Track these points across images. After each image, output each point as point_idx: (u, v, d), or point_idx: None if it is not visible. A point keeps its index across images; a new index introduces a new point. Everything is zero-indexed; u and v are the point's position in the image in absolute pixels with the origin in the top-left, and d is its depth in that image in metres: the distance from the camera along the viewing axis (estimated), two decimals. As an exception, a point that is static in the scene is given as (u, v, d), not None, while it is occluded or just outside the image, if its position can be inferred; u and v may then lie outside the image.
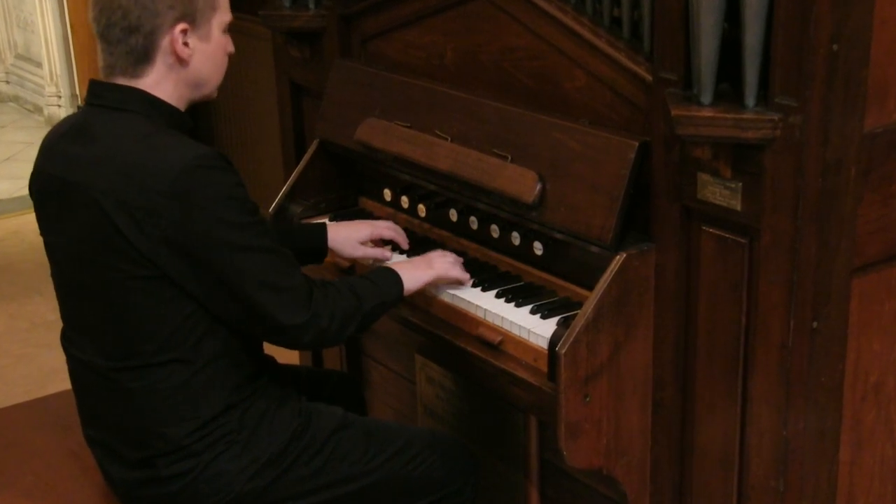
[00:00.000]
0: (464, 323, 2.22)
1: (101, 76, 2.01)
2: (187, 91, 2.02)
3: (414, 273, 2.20)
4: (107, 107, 1.98)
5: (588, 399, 1.98)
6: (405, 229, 2.58)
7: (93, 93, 2.01)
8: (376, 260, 2.42)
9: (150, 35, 1.94)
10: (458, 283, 2.26)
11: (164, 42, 1.95)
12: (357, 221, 2.50)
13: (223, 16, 2.03)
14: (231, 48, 2.08)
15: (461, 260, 2.30)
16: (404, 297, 2.19)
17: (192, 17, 1.96)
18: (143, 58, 1.96)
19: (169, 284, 1.91)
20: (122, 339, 1.97)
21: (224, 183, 1.89)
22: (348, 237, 2.42)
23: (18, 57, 7.68)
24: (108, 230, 1.89)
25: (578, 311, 1.99)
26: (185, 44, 1.96)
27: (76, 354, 2.06)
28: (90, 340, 2.02)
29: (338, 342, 2.11)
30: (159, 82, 1.98)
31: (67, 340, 2.10)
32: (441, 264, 2.24)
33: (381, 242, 2.48)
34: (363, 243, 2.42)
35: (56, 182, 1.98)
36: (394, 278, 2.17)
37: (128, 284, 1.91)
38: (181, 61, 1.98)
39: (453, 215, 2.43)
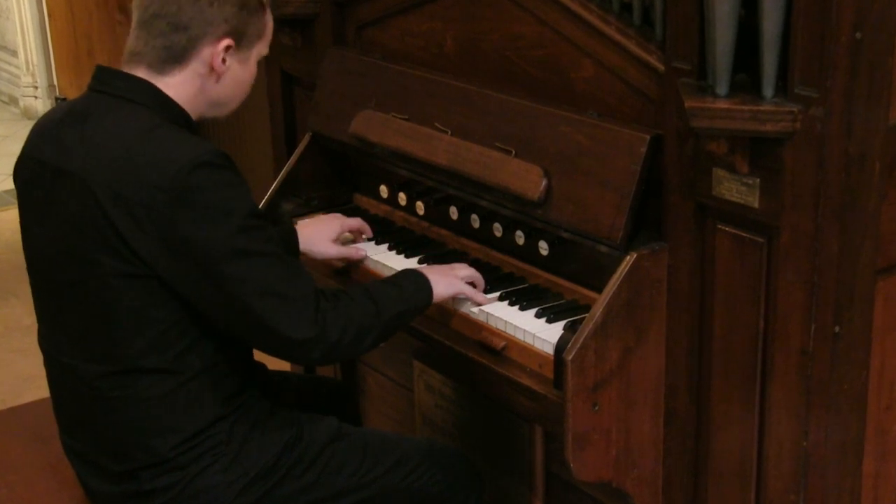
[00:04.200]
0: (465, 327, 2.22)
1: (123, 61, 2.01)
2: (204, 105, 2.05)
3: (445, 279, 2.17)
4: (111, 94, 1.98)
5: (596, 408, 1.98)
6: (403, 228, 2.58)
7: (98, 79, 2.01)
8: (351, 259, 2.44)
9: (195, 40, 1.96)
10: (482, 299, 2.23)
11: (205, 52, 1.98)
12: (323, 216, 2.50)
13: (263, 47, 2.08)
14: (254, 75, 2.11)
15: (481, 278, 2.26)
16: (432, 303, 2.15)
17: (240, 38, 2.00)
18: (176, 58, 1.97)
19: (159, 286, 1.91)
20: (105, 341, 1.96)
21: (227, 184, 1.89)
22: (319, 235, 2.42)
23: (-7, 45, 7.69)
24: (99, 222, 1.89)
25: (586, 315, 1.99)
26: (224, 60, 1.99)
27: (55, 356, 2.06)
28: (70, 341, 2.02)
29: (354, 356, 2.08)
30: (181, 85, 1.99)
31: (45, 341, 2.10)
32: (468, 283, 2.20)
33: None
34: (335, 240, 2.43)
35: (47, 169, 1.97)
36: (421, 282, 2.14)
37: (113, 282, 1.91)
38: (214, 75, 2.00)
39: (454, 213, 2.43)
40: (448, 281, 2.17)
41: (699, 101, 1.78)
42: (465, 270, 2.22)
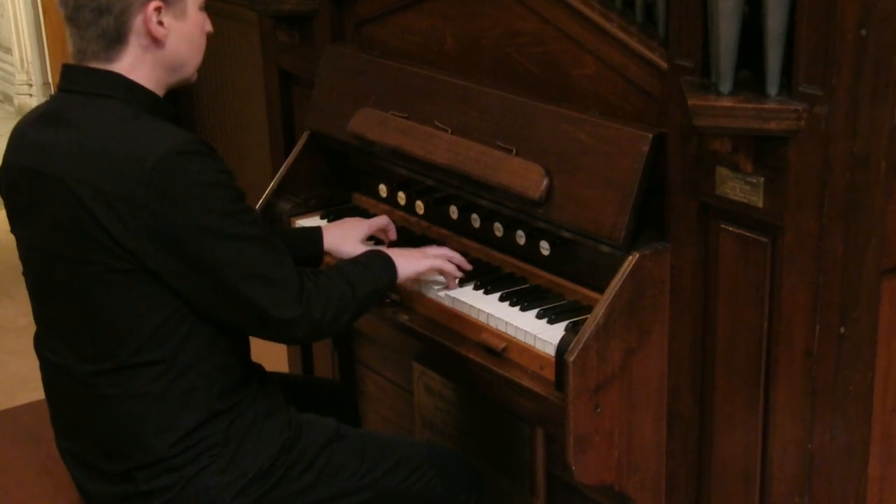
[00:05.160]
0: (465, 328, 2.22)
1: (72, 62, 2.01)
2: (165, 74, 2.03)
3: (408, 260, 2.22)
4: (81, 92, 1.98)
5: (598, 410, 1.98)
6: (402, 228, 2.58)
7: (66, 78, 2.02)
8: None
9: (122, 15, 1.95)
10: (451, 279, 2.27)
11: (137, 22, 1.96)
12: (350, 219, 2.51)
13: None
14: (209, 27, 2.09)
15: (458, 256, 2.30)
16: (397, 283, 2.20)
17: None
18: (115, 40, 1.97)
19: (150, 279, 1.92)
20: (99, 339, 1.97)
21: (208, 169, 1.89)
22: (346, 235, 2.42)
23: (-13, 43, 7.68)
24: (84, 221, 1.89)
25: (588, 316, 1.99)
26: (160, 23, 1.97)
27: (50, 358, 2.07)
28: (65, 342, 2.02)
29: (332, 334, 2.15)
30: (135, 66, 1.99)
31: (41, 343, 2.10)
32: (436, 257, 2.26)
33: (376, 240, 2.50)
34: (363, 241, 2.43)
35: (27, 173, 1.98)
36: (387, 262, 2.19)
37: (105, 278, 1.92)
38: (156, 42, 1.98)
39: (454, 213, 2.43)
40: (412, 263, 2.22)
41: (702, 99, 1.78)
42: (435, 250, 2.27)
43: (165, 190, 1.85)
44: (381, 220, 2.49)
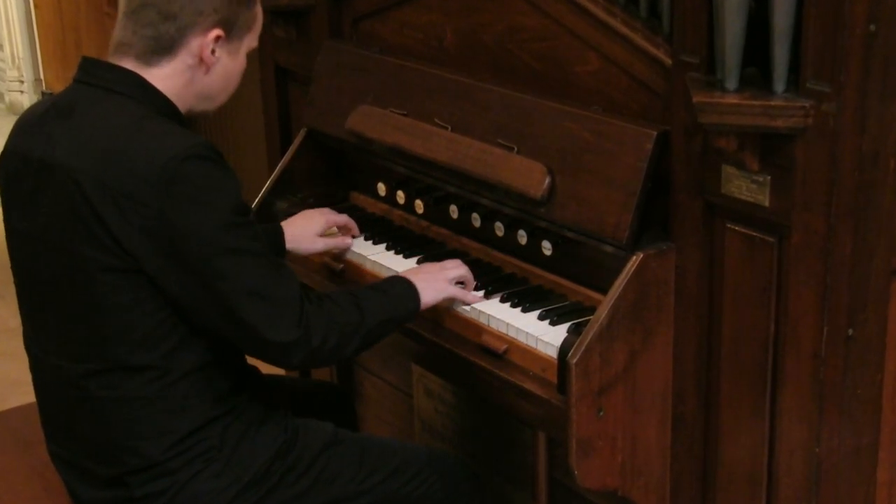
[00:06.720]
0: (465, 330, 2.22)
1: (109, 52, 2.02)
2: (193, 99, 2.05)
3: (434, 284, 2.19)
4: (96, 86, 1.99)
5: (601, 413, 1.98)
6: (401, 227, 2.58)
7: (84, 70, 2.03)
8: (338, 249, 2.49)
9: (184, 29, 1.97)
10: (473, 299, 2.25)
11: (194, 42, 1.99)
12: (306, 212, 2.54)
13: (253, 40, 2.09)
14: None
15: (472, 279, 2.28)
16: (420, 311, 2.17)
17: (230, 29, 2.01)
18: (165, 49, 1.98)
19: (144, 282, 1.91)
20: (92, 339, 1.97)
21: (216, 177, 1.90)
22: (304, 232, 2.46)
23: (-23, 38, 7.68)
24: (86, 215, 1.90)
25: (591, 317, 1.99)
26: (213, 51, 2.00)
27: (41, 358, 2.06)
28: (56, 340, 2.02)
29: (335, 362, 2.11)
30: (169, 78, 2.00)
31: (31, 342, 2.10)
32: (457, 286, 2.23)
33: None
34: (321, 235, 2.47)
35: (32, 163, 1.98)
36: (408, 290, 2.15)
37: (101, 277, 1.92)
38: (202, 66, 2.01)
39: (454, 212, 2.43)
40: (436, 287, 2.19)
41: (707, 96, 1.78)
42: (455, 271, 2.23)
43: (171, 193, 1.86)
44: (341, 218, 2.52)
